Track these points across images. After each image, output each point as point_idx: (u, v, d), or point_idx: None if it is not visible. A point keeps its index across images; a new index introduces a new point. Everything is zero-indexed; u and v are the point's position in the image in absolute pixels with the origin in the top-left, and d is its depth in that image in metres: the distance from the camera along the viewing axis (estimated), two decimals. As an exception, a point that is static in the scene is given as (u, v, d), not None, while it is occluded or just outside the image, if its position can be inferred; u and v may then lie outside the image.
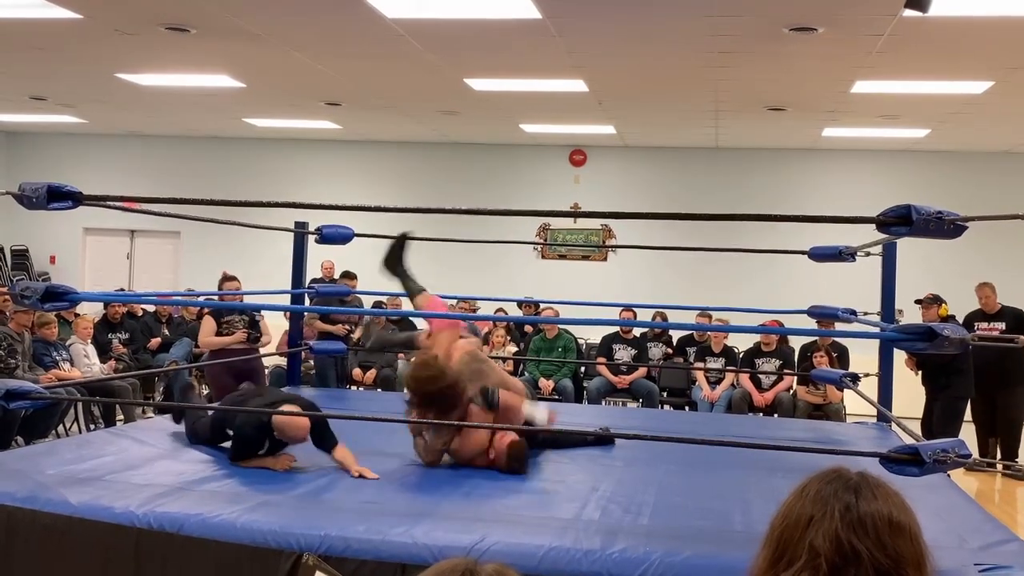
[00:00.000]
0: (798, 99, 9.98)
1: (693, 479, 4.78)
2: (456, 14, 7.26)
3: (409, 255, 5.86)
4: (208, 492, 4.03)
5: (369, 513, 3.72)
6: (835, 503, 1.48)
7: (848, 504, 1.48)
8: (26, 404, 4.56)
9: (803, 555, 1.45)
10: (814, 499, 1.50)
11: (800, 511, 1.50)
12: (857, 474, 1.55)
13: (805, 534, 1.47)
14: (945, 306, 9.06)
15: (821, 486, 1.52)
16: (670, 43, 7.88)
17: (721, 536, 3.67)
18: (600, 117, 11.55)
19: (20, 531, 3.69)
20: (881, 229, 3.54)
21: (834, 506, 1.48)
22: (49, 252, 15.90)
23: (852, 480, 1.52)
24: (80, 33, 8.37)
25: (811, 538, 1.46)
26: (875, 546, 1.43)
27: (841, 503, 1.48)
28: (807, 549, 1.45)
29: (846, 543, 1.44)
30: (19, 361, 7.81)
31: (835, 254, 6.50)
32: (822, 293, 9.37)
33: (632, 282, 13.25)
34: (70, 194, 4.04)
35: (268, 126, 13.67)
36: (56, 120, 14.15)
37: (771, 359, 9.83)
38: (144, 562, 3.55)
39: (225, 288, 7.70)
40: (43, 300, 4.02)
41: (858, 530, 1.44)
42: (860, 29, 7.17)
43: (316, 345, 7.62)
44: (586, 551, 3.36)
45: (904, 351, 5.06)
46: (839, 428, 7.24)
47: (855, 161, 13.44)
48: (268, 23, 7.81)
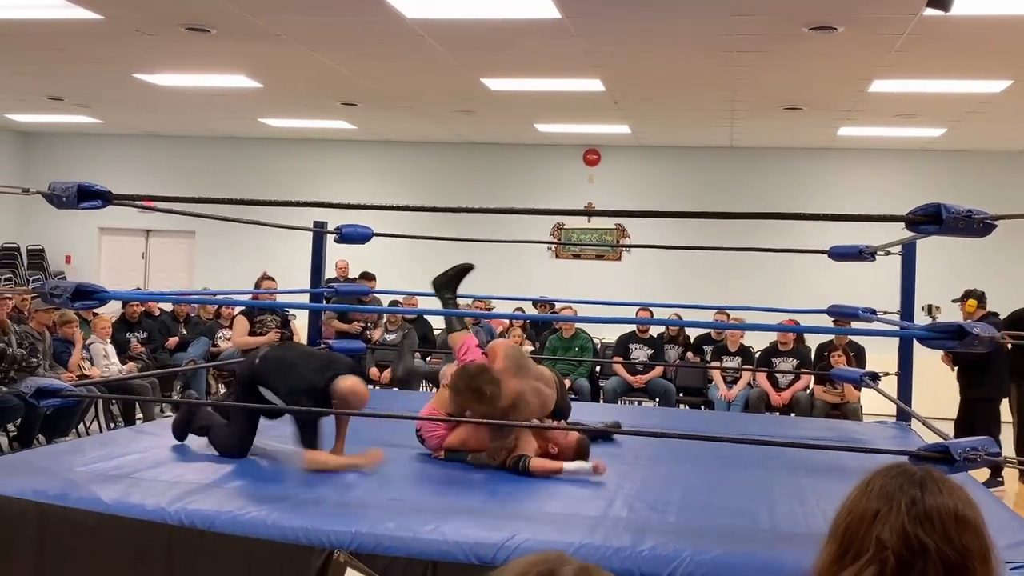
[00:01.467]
0: (815, 98, 9.97)
1: (717, 478, 4.78)
2: (476, 14, 7.28)
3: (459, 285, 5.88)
4: (238, 489, 4.05)
5: (399, 510, 3.74)
6: (901, 497, 1.49)
7: (914, 498, 1.48)
8: (55, 402, 4.60)
9: (870, 549, 1.46)
10: (879, 494, 1.51)
11: (865, 506, 1.51)
12: (922, 469, 1.56)
13: (871, 528, 1.48)
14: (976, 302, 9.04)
15: (886, 480, 1.53)
16: (689, 42, 7.88)
17: (749, 534, 3.68)
18: (615, 116, 11.55)
19: (52, 528, 3.72)
20: (910, 228, 3.55)
21: (900, 500, 1.48)
22: (65, 252, 15.98)
23: (917, 475, 1.53)
24: (100, 33, 8.41)
25: (877, 532, 1.46)
26: (942, 540, 1.44)
27: (907, 497, 1.49)
28: (874, 543, 1.46)
29: (913, 537, 1.44)
30: (40, 360, 7.85)
31: (855, 253, 6.50)
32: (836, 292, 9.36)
33: (646, 282, 13.25)
34: (100, 193, 4.07)
35: (283, 126, 13.71)
36: (72, 120, 14.21)
37: (788, 358, 9.81)
38: (176, 559, 3.58)
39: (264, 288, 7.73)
40: (73, 299, 4.05)
41: (925, 524, 1.45)
42: (880, 28, 7.16)
43: (335, 344, 7.64)
44: (616, 548, 3.37)
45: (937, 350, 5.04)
46: (859, 427, 7.23)
47: (870, 160, 13.41)
48: (288, 23, 7.84)
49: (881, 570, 1.44)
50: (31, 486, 3.86)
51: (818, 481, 4.56)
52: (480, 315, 10.55)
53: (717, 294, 12.11)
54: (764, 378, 9.77)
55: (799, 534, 3.65)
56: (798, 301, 10.03)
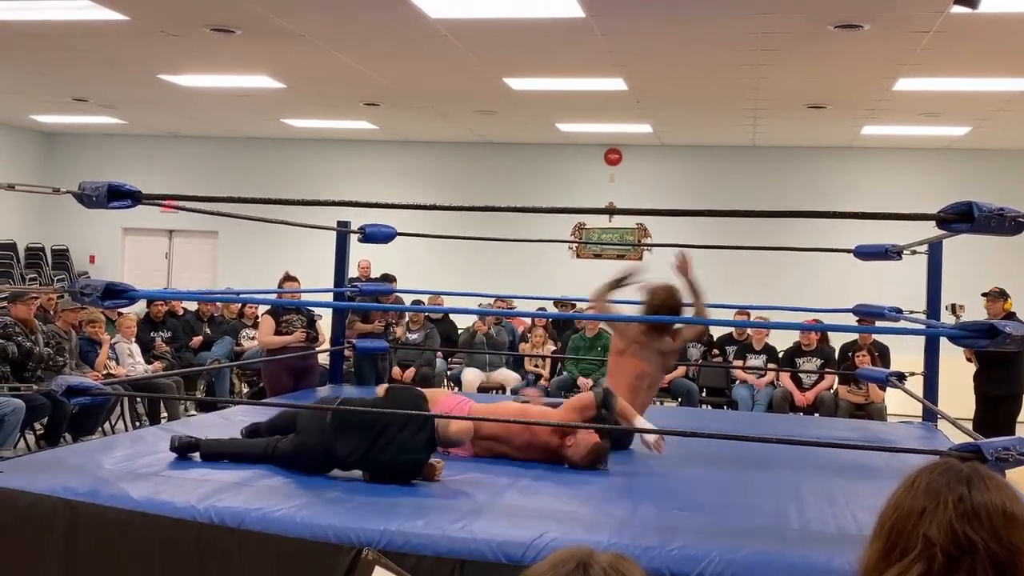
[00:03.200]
0: (839, 97, 9.92)
1: (744, 478, 4.76)
2: (499, 13, 7.28)
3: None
4: (267, 487, 4.06)
5: (428, 509, 3.74)
6: (948, 494, 1.48)
7: (961, 495, 1.47)
8: (85, 400, 4.63)
9: (917, 546, 1.45)
10: (926, 491, 1.50)
11: (912, 503, 1.50)
12: (968, 466, 1.54)
13: (918, 525, 1.46)
14: (1010, 301, 8.98)
15: (932, 477, 1.52)
16: (714, 41, 7.85)
17: (779, 534, 3.66)
18: (637, 116, 11.53)
19: (83, 525, 3.74)
20: (941, 226, 3.52)
21: (947, 497, 1.47)
22: (89, 252, 16.09)
23: (963, 472, 1.52)
24: (125, 35, 8.46)
25: (924, 529, 1.45)
26: (990, 537, 1.43)
27: (954, 494, 1.47)
28: (921, 540, 1.45)
29: (961, 534, 1.43)
30: (67, 359, 7.90)
31: (881, 252, 6.47)
32: (861, 292, 9.30)
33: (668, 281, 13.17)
34: (129, 193, 4.10)
35: (306, 127, 13.76)
36: (96, 121, 14.31)
37: (812, 358, 9.77)
38: (206, 556, 3.59)
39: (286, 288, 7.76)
40: (103, 297, 4.07)
41: (973, 521, 1.44)
42: (906, 26, 7.12)
43: (359, 343, 7.66)
44: (645, 547, 3.36)
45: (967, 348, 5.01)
46: (885, 428, 7.19)
47: (893, 159, 13.33)
48: (312, 23, 7.86)
49: (928, 567, 1.43)
50: (61, 483, 3.88)
51: (847, 481, 4.53)
52: (502, 313, 10.57)
53: (741, 294, 12.01)
54: (788, 378, 9.72)
55: (829, 534, 3.63)
56: (823, 301, 9.99)
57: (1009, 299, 9.02)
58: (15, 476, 4.00)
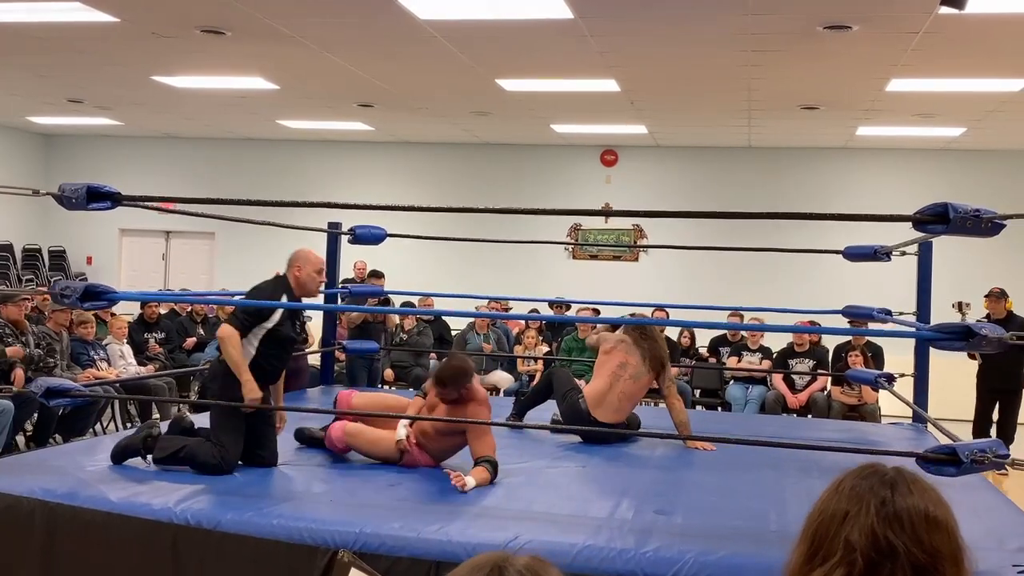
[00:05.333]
0: (832, 98, 9.91)
1: (728, 479, 4.77)
2: (487, 15, 7.27)
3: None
4: (244, 489, 4.07)
5: (404, 510, 3.75)
6: (871, 498, 1.47)
7: (884, 499, 1.47)
8: (65, 401, 4.64)
9: (839, 551, 1.44)
10: (849, 494, 1.50)
11: (835, 507, 1.49)
12: (893, 469, 1.54)
13: (840, 529, 1.46)
14: (1010, 301, 9.01)
15: (856, 481, 1.51)
16: (703, 42, 7.84)
17: (756, 536, 3.66)
18: (632, 117, 11.52)
19: (61, 527, 3.76)
20: (917, 227, 3.52)
21: (870, 501, 1.47)
22: (86, 253, 16.10)
23: (888, 475, 1.51)
24: (117, 36, 8.46)
25: (847, 533, 1.45)
26: (912, 541, 1.42)
27: (877, 498, 1.47)
28: (843, 545, 1.44)
29: (882, 538, 1.43)
30: (58, 360, 7.91)
31: (870, 254, 6.47)
32: (860, 293, 9.30)
33: (664, 283, 13.21)
34: (109, 195, 4.11)
35: (302, 128, 13.76)
36: (93, 122, 14.31)
37: (805, 359, 9.76)
38: (182, 558, 3.60)
39: None
40: (82, 299, 4.09)
41: (894, 525, 1.44)
42: (895, 27, 7.10)
43: (349, 344, 7.67)
44: (620, 550, 3.37)
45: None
46: (874, 429, 7.19)
47: (890, 160, 13.31)
48: (301, 25, 7.86)
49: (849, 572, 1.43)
50: (40, 485, 3.90)
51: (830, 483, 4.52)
52: (496, 316, 10.56)
53: (736, 295, 12.06)
54: (780, 379, 9.71)
55: (806, 536, 3.62)
56: (819, 301, 9.98)
57: (1009, 299, 9.05)
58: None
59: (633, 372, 5.60)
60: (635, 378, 5.61)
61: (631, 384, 5.61)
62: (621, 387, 5.58)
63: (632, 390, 5.63)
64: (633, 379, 5.60)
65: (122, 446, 4.41)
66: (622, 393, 5.57)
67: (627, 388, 5.59)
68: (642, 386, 5.70)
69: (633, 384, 5.61)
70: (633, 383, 5.61)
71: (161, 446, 4.38)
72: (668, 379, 5.76)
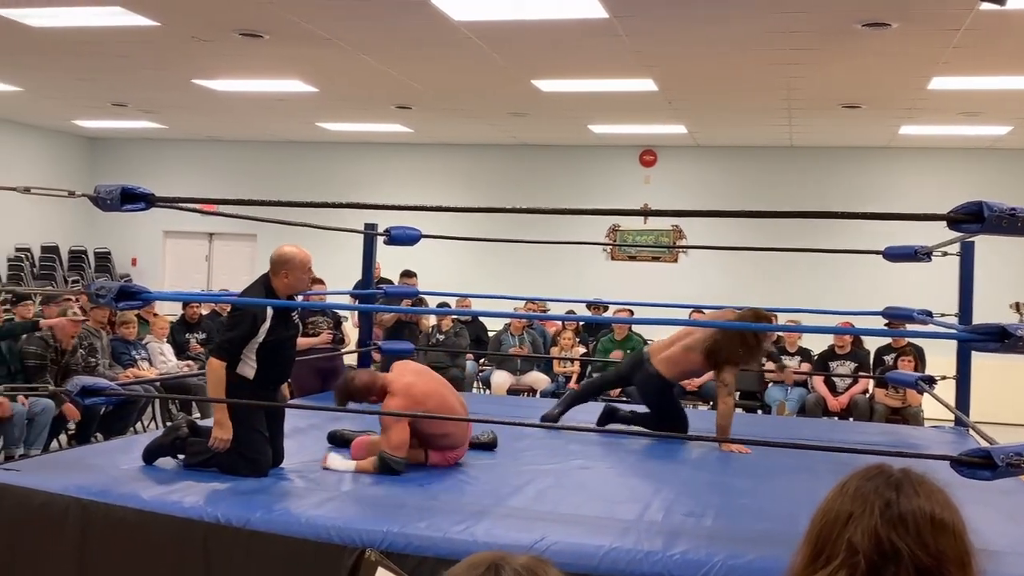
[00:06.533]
0: (873, 96, 9.78)
1: (761, 482, 4.72)
2: (522, 15, 7.27)
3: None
4: (273, 488, 4.10)
5: (431, 510, 3.75)
6: (875, 500, 1.44)
7: (889, 501, 1.44)
8: (100, 400, 4.70)
9: (841, 552, 1.42)
10: (854, 496, 1.47)
11: (839, 508, 1.47)
12: (899, 470, 1.51)
13: (844, 531, 1.43)
14: None
15: (861, 483, 1.49)
16: (740, 41, 7.78)
17: (788, 539, 3.55)
18: (670, 117, 11.46)
19: (94, 524, 3.80)
20: (952, 227, 3.46)
21: (874, 503, 1.44)
22: (131, 255, 16.33)
23: (894, 476, 1.48)
24: (158, 40, 8.58)
25: (850, 535, 1.42)
26: (916, 544, 1.39)
27: (881, 500, 1.44)
28: (845, 546, 1.42)
29: (886, 541, 1.40)
30: (99, 359, 8.02)
31: (910, 254, 6.37)
32: (904, 293, 9.16)
33: (703, 284, 13.12)
34: (143, 196, 4.15)
35: (340, 130, 13.85)
36: (137, 126, 14.52)
37: (846, 361, 9.63)
38: (212, 555, 3.63)
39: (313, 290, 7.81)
40: (117, 299, 4.13)
41: (899, 527, 1.41)
42: (935, 24, 6.99)
43: (384, 345, 7.69)
44: (647, 552, 3.34)
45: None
46: (914, 432, 7.08)
47: (934, 160, 13.11)
48: (338, 28, 7.91)
49: (852, 574, 1.40)
50: (75, 483, 3.95)
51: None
52: (532, 317, 10.55)
53: (776, 296, 11.93)
54: (821, 382, 9.59)
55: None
56: (862, 302, 9.85)
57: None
58: (32, 475, 4.08)
59: (689, 344, 5.79)
60: (687, 349, 5.80)
61: (681, 351, 5.82)
62: (676, 348, 5.84)
63: (680, 357, 5.83)
64: (685, 349, 5.81)
65: (152, 448, 4.44)
66: (674, 352, 5.84)
67: (678, 351, 5.84)
68: (690, 361, 5.84)
69: (683, 353, 5.81)
70: (683, 352, 5.81)
71: (192, 451, 4.41)
72: (721, 380, 5.82)
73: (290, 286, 4.50)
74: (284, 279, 4.46)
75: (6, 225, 13.85)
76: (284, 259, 4.47)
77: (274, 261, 4.50)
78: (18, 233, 14.88)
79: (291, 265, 4.46)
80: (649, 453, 5.42)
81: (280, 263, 4.47)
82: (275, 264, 4.48)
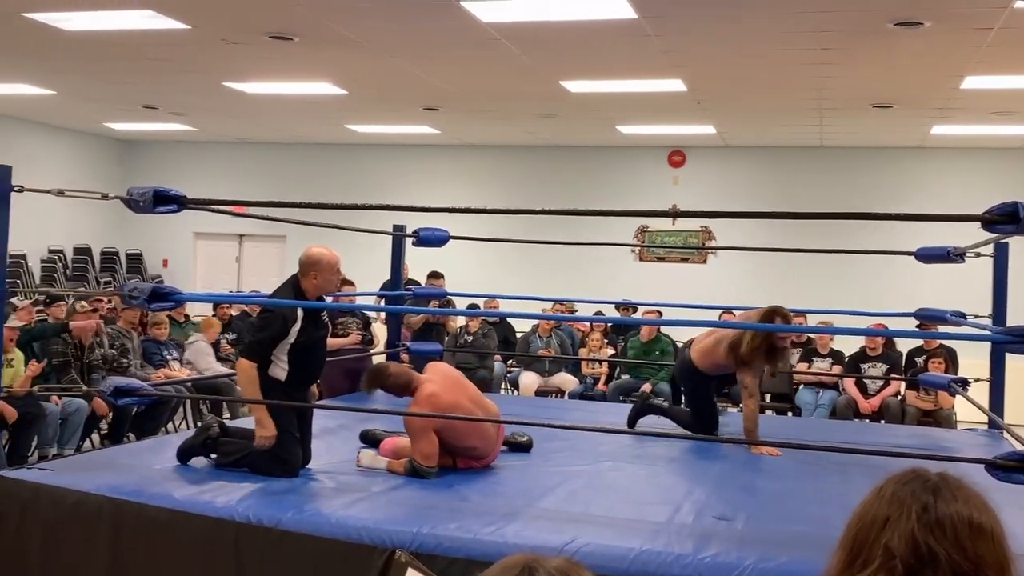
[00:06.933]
0: (905, 96, 9.69)
1: (793, 484, 4.69)
2: (551, 16, 7.26)
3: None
4: (304, 488, 4.12)
5: (461, 512, 3.75)
6: (912, 504, 1.43)
7: (926, 505, 1.42)
8: (132, 401, 4.73)
9: (878, 557, 1.40)
10: (890, 500, 1.45)
11: (876, 512, 1.45)
12: (937, 475, 1.49)
13: (880, 535, 1.42)
14: None
15: (898, 487, 1.47)
16: (770, 40, 7.73)
17: (819, 542, 3.53)
18: (699, 117, 11.41)
19: (127, 524, 3.84)
20: (987, 227, 3.42)
21: (911, 507, 1.43)
22: (162, 256, 16.47)
23: (931, 481, 1.47)
24: (188, 43, 8.65)
25: (886, 539, 1.41)
26: (954, 548, 1.38)
27: (919, 504, 1.43)
28: (882, 551, 1.40)
29: (923, 545, 1.38)
30: (131, 360, 8.09)
31: (943, 255, 6.30)
32: (935, 294, 9.04)
33: (732, 285, 13.05)
34: (175, 198, 4.18)
35: (369, 132, 13.90)
36: (168, 128, 14.65)
37: (877, 363, 9.55)
38: (243, 555, 3.65)
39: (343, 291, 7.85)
40: (150, 300, 4.17)
41: (936, 532, 1.39)
42: (969, 22, 6.92)
43: (413, 346, 7.71)
44: (677, 555, 3.33)
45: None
46: (947, 435, 7.01)
47: (967, 160, 12.96)
48: (367, 30, 7.94)
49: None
50: (108, 482, 3.99)
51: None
52: (560, 318, 10.54)
53: (807, 297, 11.84)
54: (852, 384, 9.52)
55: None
56: (894, 303, 9.74)
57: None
58: (66, 475, 4.12)
59: (720, 337, 5.89)
60: (718, 342, 5.89)
61: (713, 343, 5.93)
62: (710, 339, 5.98)
63: (711, 349, 5.93)
64: (716, 341, 5.90)
65: (184, 449, 4.47)
66: (707, 344, 5.97)
67: (710, 343, 5.96)
68: (718, 354, 5.89)
69: (714, 345, 5.91)
70: (714, 345, 5.91)
71: (224, 451, 4.43)
72: (742, 382, 5.84)
73: (319, 287, 4.52)
74: (313, 280, 4.49)
75: (40, 227, 13.99)
76: (313, 260, 4.50)
77: (303, 262, 4.53)
78: (51, 235, 15.03)
79: (320, 266, 4.49)
80: (679, 454, 5.41)
81: (309, 264, 4.50)
82: (304, 265, 4.52)
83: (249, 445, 4.39)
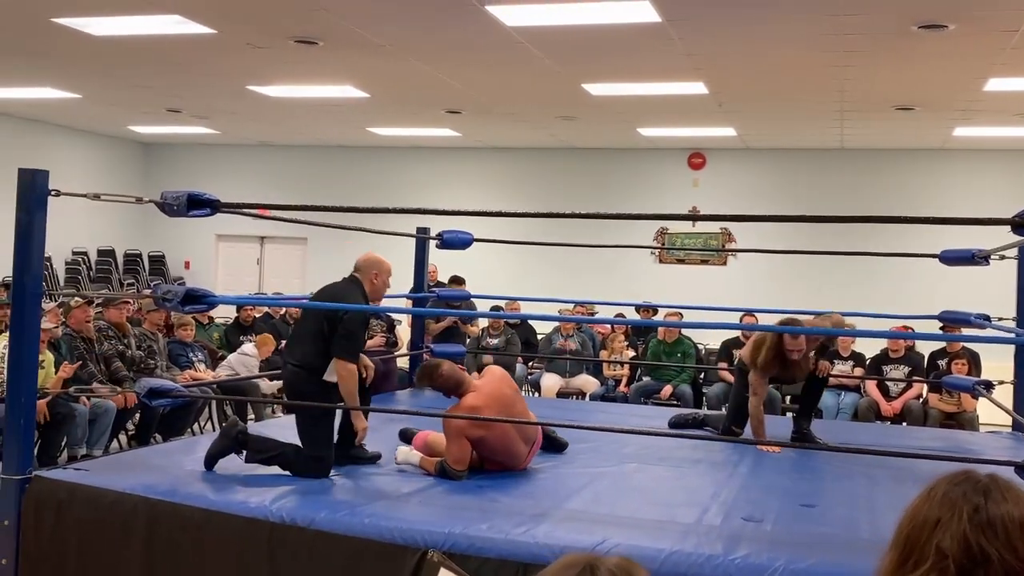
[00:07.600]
0: (928, 98, 9.68)
1: (819, 486, 4.71)
2: (575, 20, 7.30)
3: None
4: (337, 488, 4.17)
5: (493, 512, 3.79)
6: (964, 505, 1.46)
7: (977, 506, 1.45)
8: (166, 402, 4.80)
9: (930, 557, 1.43)
10: (942, 501, 1.48)
11: (927, 513, 1.48)
12: (987, 476, 1.52)
13: (932, 536, 1.45)
14: None
15: (949, 488, 1.50)
16: (793, 42, 7.75)
17: (848, 544, 3.61)
18: (720, 119, 11.42)
19: (162, 523, 3.89)
20: (1016, 231, 3.43)
21: (963, 508, 1.45)
22: (184, 258, 16.59)
23: (982, 482, 1.50)
24: (213, 47, 8.73)
25: (939, 540, 1.44)
26: (1005, 548, 1.40)
27: (970, 505, 1.45)
28: (934, 551, 1.43)
29: (975, 545, 1.41)
30: (158, 361, 8.17)
31: (968, 257, 6.28)
32: (958, 298, 9.01)
33: (753, 287, 13.05)
34: (209, 202, 4.23)
35: (391, 135, 13.97)
36: (191, 131, 14.76)
37: (900, 366, 9.53)
38: (277, 554, 3.70)
39: None
40: (184, 303, 4.22)
41: (987, 532, 1.42)
42: (993, 25, 6.92)
43: (436, 347, 7.75)
44: (708, 556, 3.35)
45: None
46: (970, 437, 7.00)
47: (989, 162, 12.91)
48: (392, 34, 8.00)
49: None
50: (143, 482, 4.05)
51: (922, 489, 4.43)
52: (581, 320, 10.56)
53: (828, 300, 11.81)
54: (874, 387, 9.50)
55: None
56: (915, 306, 9.70)
57: None
58: (101, 475, 4.18)
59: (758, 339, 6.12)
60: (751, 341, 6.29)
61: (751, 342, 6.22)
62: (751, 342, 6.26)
63: (747, 347, 6.25)
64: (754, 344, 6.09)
65: (212, 453, 4.46)
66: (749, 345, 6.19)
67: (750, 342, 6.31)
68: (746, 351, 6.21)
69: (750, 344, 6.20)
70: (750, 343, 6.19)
71: (255, 447, 4.48)
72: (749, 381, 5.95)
73: (378, 289, 4.73)
74: (374, 281, 4.71)
75: (64, 230, 14.12)
76: (374, 261, 4.75)
77: (364, 264, 4.74)
78: (75, 237, 15.18)
79: (381, 268, 4.74)
80: (704, 456, 5.42)
81: (371, 265, 4.73)
82: (366, 266, 4.73)
83: (282, 444, 4.45)
